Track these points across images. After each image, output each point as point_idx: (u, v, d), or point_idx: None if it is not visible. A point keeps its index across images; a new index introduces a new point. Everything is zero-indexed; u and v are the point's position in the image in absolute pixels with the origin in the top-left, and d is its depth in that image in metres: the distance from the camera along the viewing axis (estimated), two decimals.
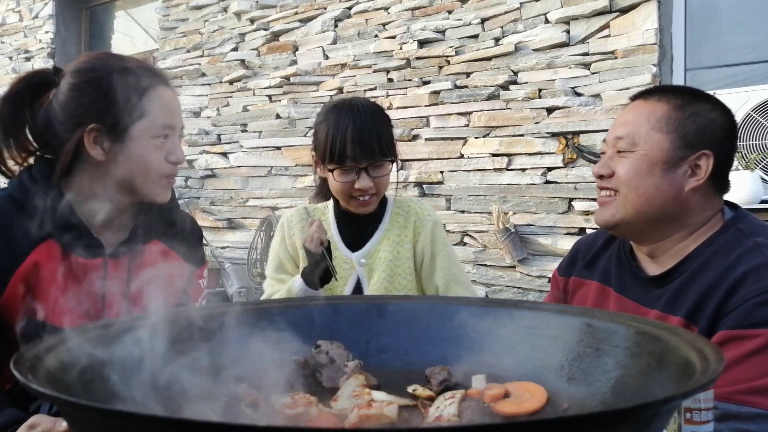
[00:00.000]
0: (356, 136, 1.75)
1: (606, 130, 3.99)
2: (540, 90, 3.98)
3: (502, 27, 4.14)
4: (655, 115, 1.34)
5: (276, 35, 5.37)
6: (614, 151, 1.38)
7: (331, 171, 1.80)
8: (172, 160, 1.38)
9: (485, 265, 4.16)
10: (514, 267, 4.03)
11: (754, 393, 1.13)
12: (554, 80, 3.92)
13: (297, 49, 5.23)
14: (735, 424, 1.11)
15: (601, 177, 1.39)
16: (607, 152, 1.40)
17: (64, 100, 1.34)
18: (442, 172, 4.35)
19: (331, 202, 1.98)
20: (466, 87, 4.27)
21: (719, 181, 1.35)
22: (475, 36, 4.26)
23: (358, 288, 1.91)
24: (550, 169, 3.95)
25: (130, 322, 0.91)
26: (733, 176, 1.39)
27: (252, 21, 5.49)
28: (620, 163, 1.35)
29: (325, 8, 5.07)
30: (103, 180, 1.35)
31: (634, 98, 1.43)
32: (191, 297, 1.54)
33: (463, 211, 4.26)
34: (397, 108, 4.46)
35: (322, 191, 1.98)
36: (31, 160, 1.41)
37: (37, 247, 1.30)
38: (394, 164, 1.86)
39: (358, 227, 1.93)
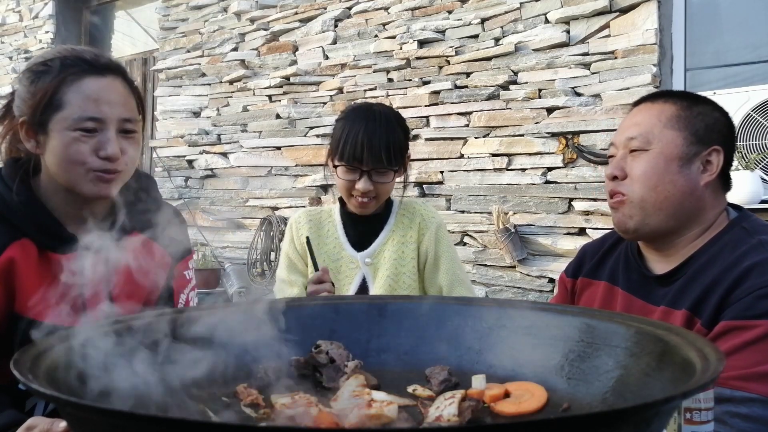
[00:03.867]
0: (366, 140, 1.80)
1: (606, 130, 3.97)
2: (540, 90, 3.98)
3: (502, 27, 4.15)
4: (665, 114, 1.37)
5: (276, 35, 5.37)
6: (626, 152, 1.39)
7: (336, 167, 1.86)
8: (102, 156, 1.29)
9: (485, 265, 4.16)
10: (514, 267, 4.03)
11: (748, 379, 1.16)
12: (554, 80, 3.92)
13: (297, 49, 5.23)
14: (728, 407, 1.15)
15: (614, 178, 1.40)
16: (617, 154, 1.41)
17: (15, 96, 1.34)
18: (442, 172, 4.35)
19: (337, 205, 2.02)
20: (466, 87, 4.27)
21: (724, 178, 1.39)
22: (475, 36, 4.26)
23: (363, 287, 1.95)
24: (550, 169, 3.95)
25: (128, 321, 0.91)
26: (733, 176, 1.42)
27: (252, 21, 5.49)
28: (635, 163, 1.37)
29: (325, 8, 5.07)
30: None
31: (637, 103, 1.45)
32: (176, 288, 1.53)
33: (463, 211, 4.26)
34: (397, 108, 4.43)
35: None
36: None
37: (12, 245, 1.29)
38: (402, 173, 1.93)
39: (363, 228, 1.97)
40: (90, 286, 1.35)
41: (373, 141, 1.80)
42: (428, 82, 4.44)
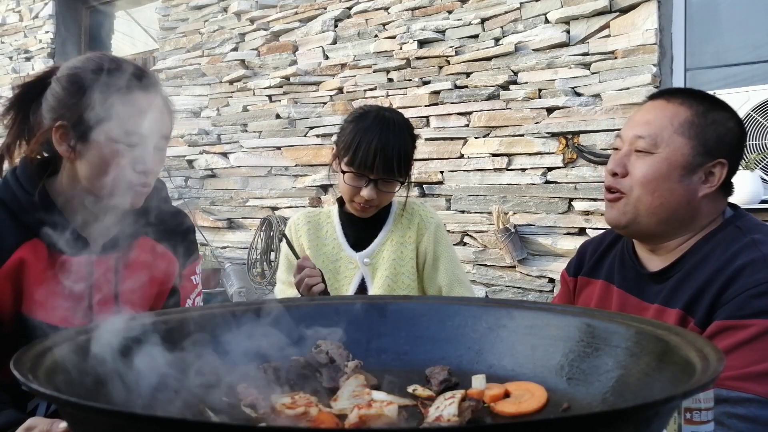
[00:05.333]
0: (380, 150, 1.78)
1: (606, 130, 3.96)
2: (540, 90, 3.98)
3: (502, 27, 4.15)
4: (678, 118, 1.33)
5: (276, 35, 5.37)
6: (631, 149, 1.36)
7: (344, 172, 1.84)
8: (139, 170, 1.31)
9: (485, 265, 4.16)
10: (514, 267, 4.03)
11: (744, 379, 1.16)
12: (554, 80, 3.92)
13: (297, 49, 5.23)
14: (725, 407, 1.15)
15: (614, 174, 1.37)
16: (622, 149, 1.38)
17: (47, 96, 1.34)
18: (442, 172, 4.35)
19: (335, 206, 2.03)
20: (466, 87, 4.27)
21: (726, 185, 1.37)
22: (475, 36, 4.26)
23: (362, 287, 1.95)
24: (550, 169, 3.95)
25: (129, 321, 0.91)
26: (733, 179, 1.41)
27: (252, 21, 5.49)
28: (638, 163, 1.34)
29: (325, 8, 5.07)
30: (77, 179, 1.34)
31: (654, 97, 1.41)
32: (182, 293, 1.54)
33: (463, 211, 4.26)
34: (397, 108, 4.45)
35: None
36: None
37: (23, 245, 1.29)
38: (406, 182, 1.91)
39: (362, 228, 1.97)
40: (98, 289, 1.36)
41: (386, 151, 1.78)
42: (428, 82, 4.44)
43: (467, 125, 4.25)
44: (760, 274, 1.21)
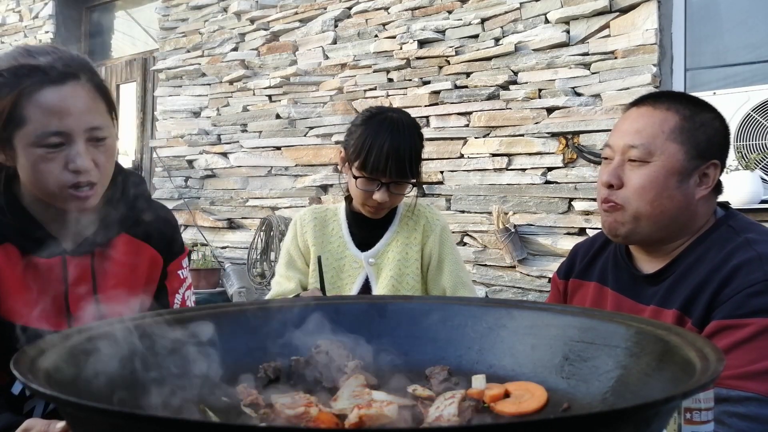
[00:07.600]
0: (392, 154, 1.77)
1: (606, 130, 3.97)
2: (540, 90, 3.98)
3: (502, 27, 4.15)
4: (668, 125, 1.33)
5: (276, 35, 5.37)
6: (623, 159, 1.35)
7: (356, 177, 1.84)
8: (71, 169, 1.21)
9: (485, 265, 4.16)
10: (514, 267, 4.03)
11: (744, 378, 1.16)
12: (554, 80, 3.92)
13: (297, 49, 5.23)
14: (725, 407, 1.15)
15: (610, 186, 1.36)
16: (614, 159, 1.37)
17: None
18: (442, 172, 4.35)
19: (342, 204, 2.02)
20: (466, 87, 4.27)
21: (717, 185, 1.38)
22: (475, 36, 4.26)
23: (366, 287, 1.94)
24: (550, 169, 3.95)
25: (128, 322, 0.91)
26: (732, 176, 1.42)
27: (252, 21, 5.49)
28: (634, 174, 1.34)
29: (325, 8, 5.07)
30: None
31: (638, 104, 1.40)
32: (170, 289, 1.50)
33: (463, 211, 4.26)
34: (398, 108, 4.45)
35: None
36: None
37: None
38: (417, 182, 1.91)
39: (368, 228, 1.97)
40: (74, 289, 1.33)
41: (398, 154, 1.77)
42: (428, 82, 4.44)
43: (467, 125, 4.25)
44: (756, 273, 1.22)
